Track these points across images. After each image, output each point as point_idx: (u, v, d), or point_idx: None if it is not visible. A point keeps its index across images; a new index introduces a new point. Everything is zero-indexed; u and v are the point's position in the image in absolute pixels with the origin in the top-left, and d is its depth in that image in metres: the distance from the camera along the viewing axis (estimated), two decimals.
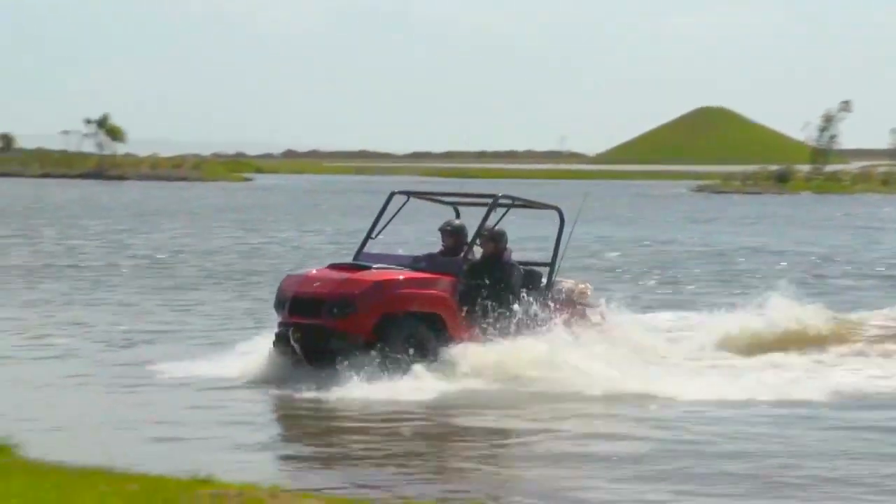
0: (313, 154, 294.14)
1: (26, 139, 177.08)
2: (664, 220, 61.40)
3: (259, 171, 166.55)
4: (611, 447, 13.50)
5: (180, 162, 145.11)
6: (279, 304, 16.78)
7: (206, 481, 10.02)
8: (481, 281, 16.88)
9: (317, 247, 40.44)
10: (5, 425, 13.11)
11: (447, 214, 18.37)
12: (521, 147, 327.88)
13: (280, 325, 16.70)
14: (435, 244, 17.95)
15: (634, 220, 60.92)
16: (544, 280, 17.70)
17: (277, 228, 50.55)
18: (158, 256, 36.13)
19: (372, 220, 18.12)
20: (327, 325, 16.07)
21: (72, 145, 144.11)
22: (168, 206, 68.22)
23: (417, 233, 33.40)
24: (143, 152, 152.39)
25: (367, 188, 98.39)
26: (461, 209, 18.56)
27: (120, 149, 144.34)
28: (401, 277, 16.47)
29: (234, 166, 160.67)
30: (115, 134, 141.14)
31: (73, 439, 13.71)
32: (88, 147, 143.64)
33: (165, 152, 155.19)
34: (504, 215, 18.31)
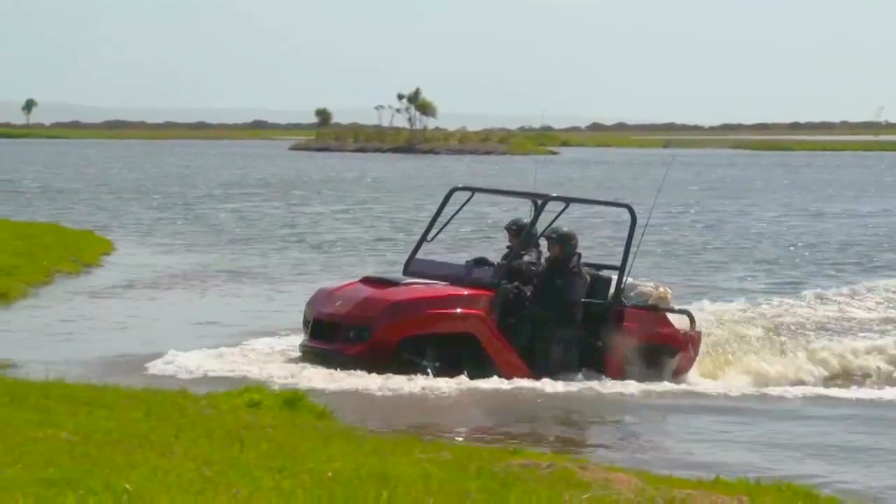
0: (620, 127, 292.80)
1: (342, 114, 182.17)
2: None
3: (565, 144, 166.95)
4: None
5: (487, 136, 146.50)
6: (305, 323, 15.69)
7: (516, 451, 10.16)
8: (543, 287, 15.49)
9: None
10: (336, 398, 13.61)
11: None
12: (835, 118, 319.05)
13: (301, 346, 15.65)
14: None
15: None
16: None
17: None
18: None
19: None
20: (346, 352, 14.88)
21: (384, 120, 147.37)
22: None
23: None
24: (452, 126, 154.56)
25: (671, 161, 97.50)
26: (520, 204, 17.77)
27: (430, 123, 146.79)
28: (424, 296, 15.04)
29: (541, 140, 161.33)
30: (426, 108, 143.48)
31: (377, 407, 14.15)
32: (400, 122, 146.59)
33: (473, 126, 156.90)
34: (560, 214, 16.80)
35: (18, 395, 10.16)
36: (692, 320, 16.30)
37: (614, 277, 16.07)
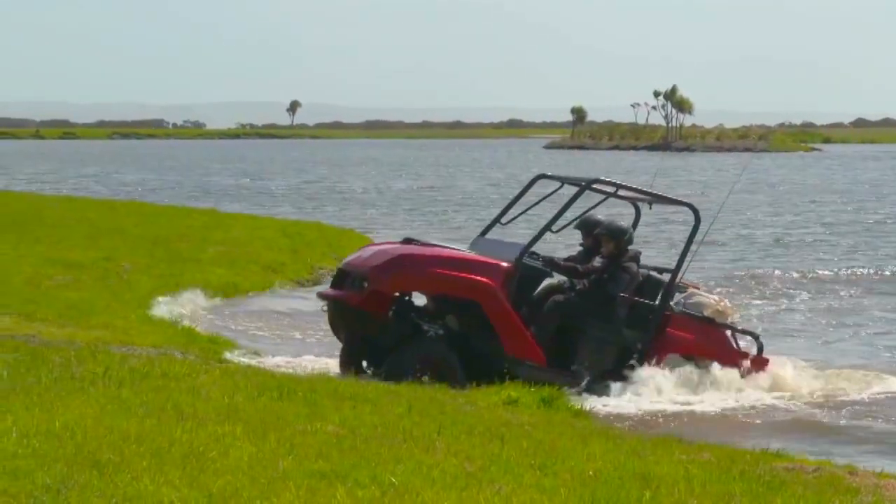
0: (886, 122, 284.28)
1: (597, 112, 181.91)
2: None
3: (827, 141, 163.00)
4: None
5: (745, 133, 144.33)
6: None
7: (780, 454, 9.98)
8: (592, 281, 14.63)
9: None
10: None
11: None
12: None
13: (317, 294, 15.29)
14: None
15: None
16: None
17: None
18: None
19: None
20: (350, 301, 14.20)
21: (640, 118, 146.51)
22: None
23: None
24: (709, 124, 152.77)
25: None
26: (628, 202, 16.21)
27: (687, 120, 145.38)
28: (431, 254, 14.31)
29: (802, 136, 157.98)
30: (682, 105, 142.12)
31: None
32: (656, 119, 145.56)
33: (731, 123, 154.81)
34: (599, 204, 15.92)
35: (287, 390, 10.45)
36: (760, 345, 15.24)
37: (695, 286, 15.32)
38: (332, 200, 52.00)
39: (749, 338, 15.41)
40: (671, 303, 14.88)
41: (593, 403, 13.77)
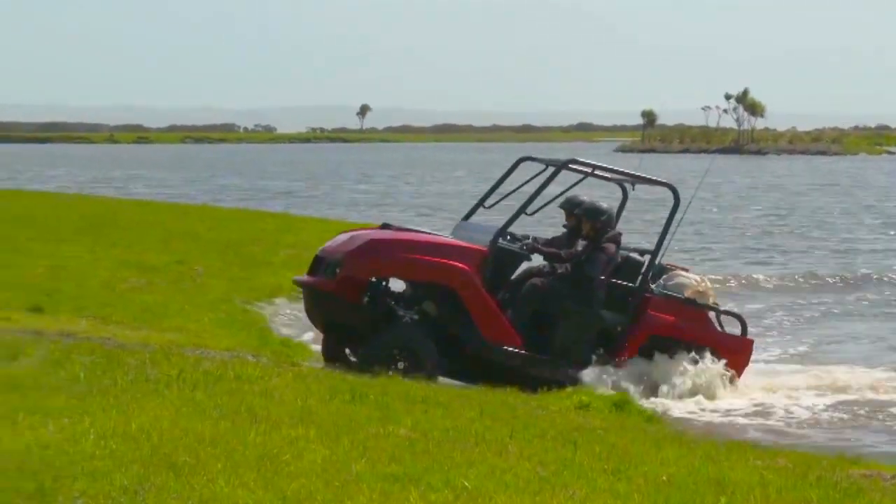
0: None
1: (668, 115, 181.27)
2: None
3: None
4: None
5: (819, 136, 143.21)
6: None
7: (857, 461, 9.88)
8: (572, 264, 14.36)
9: None
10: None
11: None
12: None
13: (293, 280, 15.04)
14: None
15: None
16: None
17: None
18: None
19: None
20: (323, 287, 13.94)
21: (711, 121, 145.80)
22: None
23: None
24: (781, 127, 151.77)
25: None
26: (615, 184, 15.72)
27: (759, 123, 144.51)
28: (404, 239, 14.07)
29: (877, 139, 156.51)
30: (754, 108, 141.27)
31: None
32: (727, 122, 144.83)
33: (804, 126, 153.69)
34: (576, 184, 15.50)
35: (360, 393, 10.49)
36: (744, 326, 15.01)
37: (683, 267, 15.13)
38: (402, 205, 52.14)
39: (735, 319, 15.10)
40: (652, 285, 14.66)
41: (665, 407, 13.71)
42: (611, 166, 15.26)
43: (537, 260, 14.86)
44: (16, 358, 10.19)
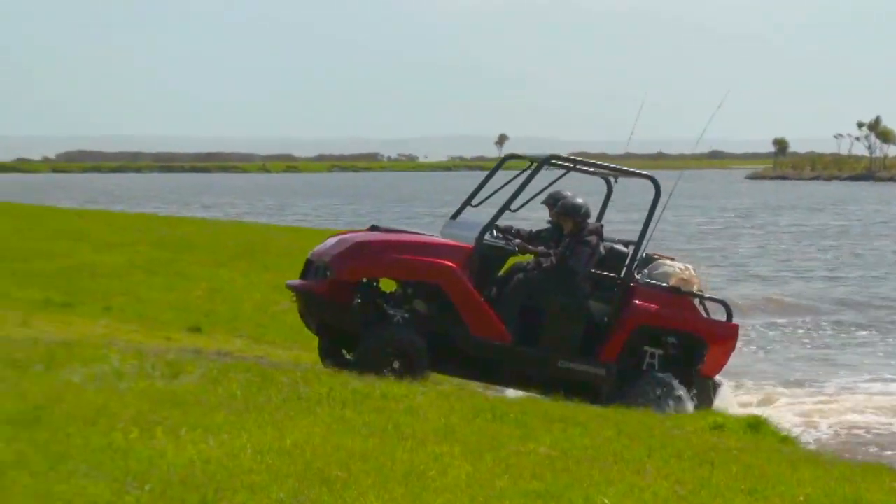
0: None
1: (799, 143, 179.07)
2: None
3: None
4: None
5: None
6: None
7: None
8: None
9: None
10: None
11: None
12: None
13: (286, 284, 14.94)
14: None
15: None
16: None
17: None
18: None
19: None
20: (314, 290, 14.04)
21: (843, 148, 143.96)
22: None
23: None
24: None
25: None
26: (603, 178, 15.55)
27: (891, 151, 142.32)
28: (391, 240, 14.08)
29: None
30: (886, 136, 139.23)
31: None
32: (859, 150, 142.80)
33: None
34: (558, 179, 15.50)
35: (500, 412, 10.76)
36: (729, 312, 14.87)
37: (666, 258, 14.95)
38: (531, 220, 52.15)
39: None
40: (637, 275, 14.68)
41: (798, 429, 13.79)
42: (591, 161, 15.36)
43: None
44: (177, 376, 10.58)
